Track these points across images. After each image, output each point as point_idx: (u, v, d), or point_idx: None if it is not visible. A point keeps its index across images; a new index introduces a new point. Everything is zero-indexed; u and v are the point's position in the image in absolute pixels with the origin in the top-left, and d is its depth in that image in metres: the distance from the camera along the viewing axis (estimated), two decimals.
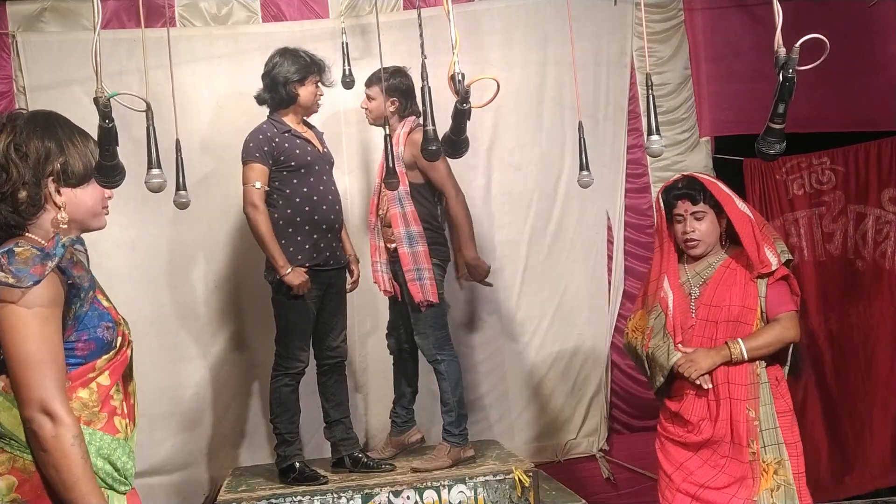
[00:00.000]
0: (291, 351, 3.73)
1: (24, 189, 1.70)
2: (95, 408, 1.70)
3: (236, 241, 4.49)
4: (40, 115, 1.79)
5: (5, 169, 1.69)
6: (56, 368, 1.60)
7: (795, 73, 1.60)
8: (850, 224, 4.86)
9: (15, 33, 4.36)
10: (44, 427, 1.57)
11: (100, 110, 1.63)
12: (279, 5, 4.59)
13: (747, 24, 4.66)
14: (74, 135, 1.80)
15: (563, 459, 4.63)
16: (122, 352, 1.78)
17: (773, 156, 1.66)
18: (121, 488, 1.73)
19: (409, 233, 3.72)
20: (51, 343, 1.60)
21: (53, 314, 1.62)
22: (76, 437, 1.59)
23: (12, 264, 1.59)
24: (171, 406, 4.41)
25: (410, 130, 3.78)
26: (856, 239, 4.86)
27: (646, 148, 2.57)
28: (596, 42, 4.63)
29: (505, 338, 4.67)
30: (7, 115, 1.79)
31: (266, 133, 3.70)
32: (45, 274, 1.60)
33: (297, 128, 3.77)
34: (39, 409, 1.57)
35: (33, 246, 1.64)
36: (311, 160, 3.74)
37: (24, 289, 1.57)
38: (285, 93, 3.72)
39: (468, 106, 1.81)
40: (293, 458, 3.73)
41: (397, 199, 3.73)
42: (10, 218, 1.70)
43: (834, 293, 4.85)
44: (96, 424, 1.70)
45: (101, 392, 1.71)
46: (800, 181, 4.90)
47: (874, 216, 4.83)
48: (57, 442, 1.57)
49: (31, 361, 1.58)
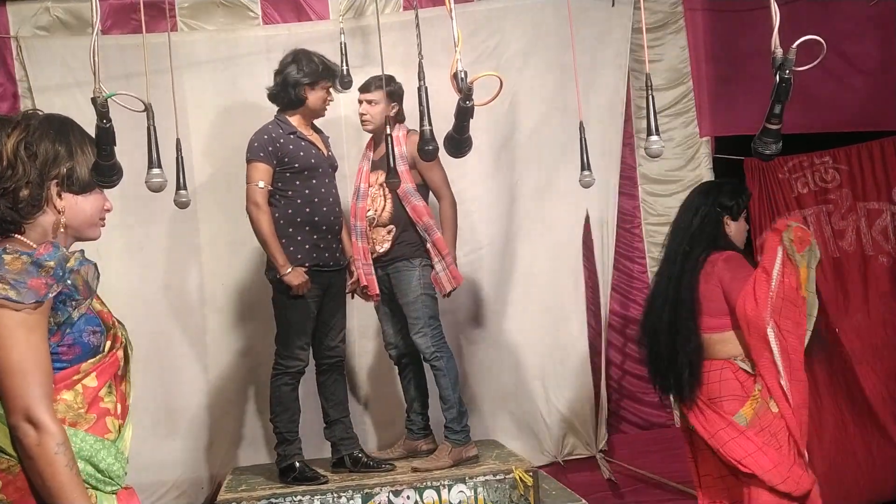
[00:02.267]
0: (291, 350, 3.73)
1: (26, 188, 1.71)
2: (81, 409, 1.70)
3: (239, 243, 4.49)
4: (56, 119, 1.80)
5: (12, 165, 1.70)
6: (41, 376, 1.60)
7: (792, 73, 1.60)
8: (861, 221, 4.84)
9: (17, 36, 4.37)
10: (28, 435, 1.58)
11: (97, 110, 1.64)
12: (279, 8, 4.60)
13: (747, 24, 4.65)
14: (86, 143, 1.81)
15: (562, 461, 4.63)
16: (112, 354, 1.77)
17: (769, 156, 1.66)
18: (106, 489, 1.72)
19: (429, 224, 3.81)
20: (36, 350, 1.61)
21: (39, 322, 1.62)
22: (60, 445, 1.59)
23: (7, 274, 1.58)
24: (171, 405, 4.42)
25: (407, 132, 3.84)
26: (872, 235, 4.84)
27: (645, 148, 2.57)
28: (592, 43, 4.63)
29: (498, 338, 4.68)
30: (23, 113, 1.80)
31: (271, 133, 3.71)
32: (48, 295, 1.60)
33: (302, 130, 3.79)
34: (24, 418, 1.57)
35: (23, 252, 1.64)
36: (314, 163, 3.76)
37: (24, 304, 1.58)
38: (294, 95, 3.74)
39: (471, 104, 1.81)
40: (293, 457, 3.74)
41: (412, 194, 3.81)
42: (8, 214, 1.70)
43: (854, 289, 4.81)
44: (82, 426, 1.70)
45: (88, 394, 1.71)
46: (804, 179, 4.89)
47: (891, 212, 4.83)
48: (41, 450, 1.58)
49: (16, 369, 1.58)
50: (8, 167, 1.70)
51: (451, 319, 4.45)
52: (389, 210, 3.85)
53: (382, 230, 3.84)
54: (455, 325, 4.54)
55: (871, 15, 4.74)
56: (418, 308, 3.82)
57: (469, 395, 4.44)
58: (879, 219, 4.83)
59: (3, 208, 1.69)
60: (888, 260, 4.83)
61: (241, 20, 4.59)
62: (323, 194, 3.77)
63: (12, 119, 1.75)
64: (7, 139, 1.70)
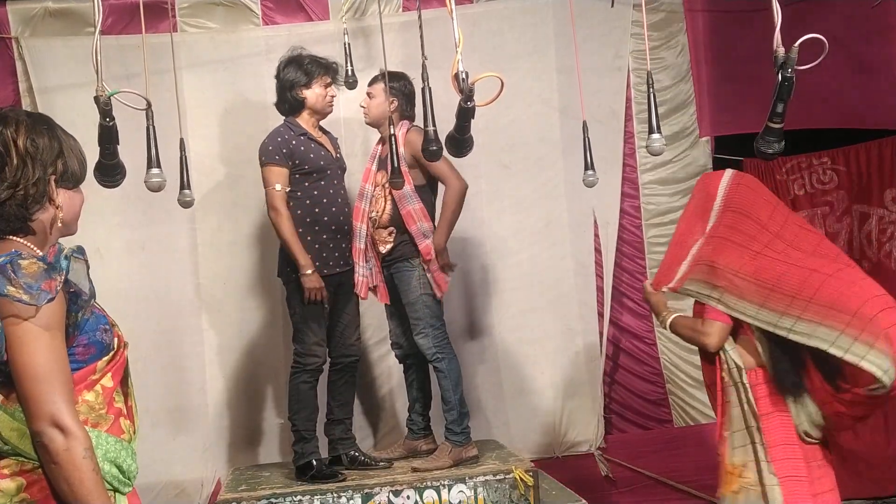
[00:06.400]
0: (308, 346, 3.76)
1: (34, 185, 1.71)
2: (102, 410, 1.70)
3: (239, 243, 4.51)
4: (41, 116, 1.80)
5: (24, 162, 1.70)
6: (65, 381, 1.60)
7: (794, 72, 1.61)
8: (854, 224, 4.85)
9: (18, 36, 4.37)
10: (55, 440, 1.56)
11: (100, 108, 1.64)
12: (280, 8, 4.60)
13: (747, 24, 4.66)
14: (70, 138, 1.81)
15: (560, 455, 4.64)
16: (121, 353, 1.78)
17: (771, 155, 1.67)
18: (124, 489, 1.73)
19: (423, 228, 3.79)
20: (59, 355, 1.60)
21: (60, 326, 1.62)
22: (87, 450, 1.58)
23: (21, 278, 1.58)
24: (171, 405, 4.42)
25: (407, 131, 3.82)
26: (860, 239, 4.86)
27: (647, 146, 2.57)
28: (591, 44, 4.63)
29: (498, 335, 4.69)
30: (12, 110, 1.79)
31: (284, 136, 3.74)
32: (57, 290, 1.60)
33: (312, 132, 3.81)
34: (50, 423, 1.56)
35: (36, 258, 1.64)
36: (324, 164, 3.78)
37: (39, 307, 1.57)
38: (292, 98, 3.77)
39: (472, 104, 1.82)
40: (310, 455, 3.74)
41: (408, 197, 3.79)
42: (18, 212, 1.70)
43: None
44: (102, 426, 1.70)
45: (106, 394, 1.72)
46: (800, 181, 4.90)
47: (877, 216, 4.83)
48: (69, 455, 1.56)
49: (41, 375, 1.57)
50: (20, 165, 1.69)
51: (451, 318, 4.45)
52: (389, 211, 3.85)
53: (384, 231, 3.84)
54: (455, 324, 4.53)
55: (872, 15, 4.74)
56: (419, 308, 3.82)
57: (469, 392, 4.44)
58: (867, 223, 4.85)
59: (13, 207, 1.69)
60: (868, 265, 4.82)
61: (242, 20, 4.60)
62: (331, 196, 3.79)
63: (9, 116, 1.74)
64: (16, 136, 1.70)
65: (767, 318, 2.62)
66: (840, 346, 2.49)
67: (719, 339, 2.74)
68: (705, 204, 2.84)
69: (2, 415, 1.63)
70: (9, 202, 1.68)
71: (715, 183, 2.83)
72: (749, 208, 2.76)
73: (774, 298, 2.60)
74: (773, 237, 2.71)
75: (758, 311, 2.63)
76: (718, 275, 2.69)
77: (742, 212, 2.76)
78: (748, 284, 2.64)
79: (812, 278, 2.58)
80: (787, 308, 2.58)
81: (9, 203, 1.68)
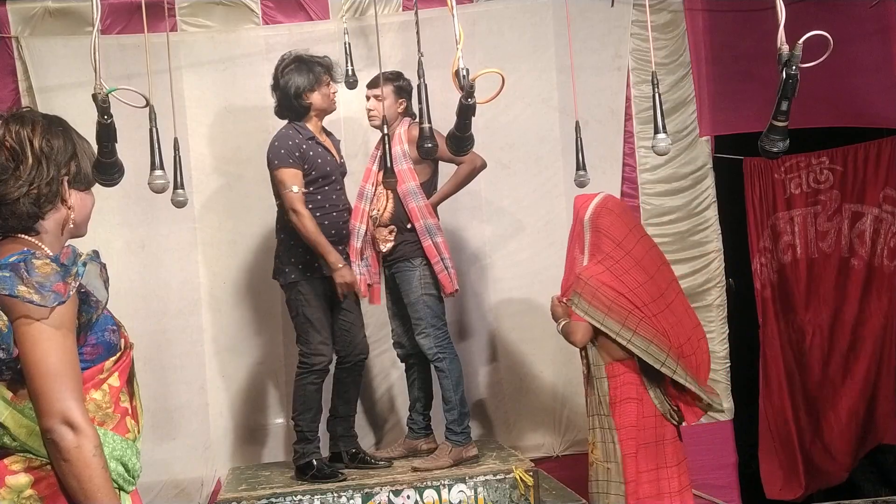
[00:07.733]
0: (313, 346, 3.75)
1: (47, 185, 1.71)
2: (109, 409, 1.72)
3: (239, 242, 4.50)
4: (56, 118, 1.81)
5: (39, 162, 1.70)
6: (75, 379, 1.61)
7: (798, 70, 1.60)
8: (844, 223, 4.87)
9: (18, 36, 4.36)
10: (65, 438, 1.57)
11: (98, 106, 1.64)
12: (280, 8, 4.60)
13: (747, 23, 4.66)
14: (83, 141, 1.83)
15: (560, 455, 4.63)
16: (127, 353, 1.80)
17: (776, 153, 1.66)
18: (128, 488, 1.75)
19: (428, 225, 3.78)
20: (70, 354, 1.61)
21: (71, 326, 1.63)
22: (97, 448, 1.60)
23: (34, 278, 1.58)
24: (171, 405, 4.42)
25: (409, 126, 3.83)
26: (851, 238, 4.87)
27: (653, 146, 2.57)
28: (592, 44, 4.63)
29: (498, 335, 4.69)
30: (29, 110, 1.80)
31: (294, 139, 3.73)
32: (69, 294, 1.61)
33: (318, 135, 3.81)
34: (61, 421, 1.57)
35: (49, 258, 1.64)
36: (329, 170, 3.79)
37: (50, 308, 1.57)
38: (299, 104, 3.75)
39: (473, 101, 1.81)
40: (311, 455, 3.74)
41: (413, 194, 3.78)
42: (30, 211, 1.70)
43: (825, 290, 4.88)
44: (109, 425, 1.71)
45: (113, 393, 1.73)
46: (798, 180, 4.91)
47: (872, 215, 4.83)
48: (79, 452, 1.57)
49: (52, 373, 1.58)
50: (35, 164, 1.70)
51: (451, 318, 4.44)
52: (390, 210, 3.85)
53: (384, 230, 3.84)
54: (454, 323, 4.53)
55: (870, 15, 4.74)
56: (420, 308, 3.82)
57: (469, 392, 4.44)
58: (860, 221, 4.85)
59: (26, 205, 1.70)
60: (860, 263, 4.84)
61: (242, 20, 4.58)
62: (333, 201, 3.80)
63: (25, 116, 1.75)
64: (32, 136, 1.71)
65: (611, 326, 3.21)
66: (668, 366, 3.20)
67: (582, 336, 3.31)
68: (577, 226, 3.42)
69: (11, 412, 1.64)
70: (22, 200, 1.69)
71: (585, 206, 3.37)
72: (608, 228, 3.30)
73: (616, 309, 3.20)
74: (625, 254, 3.27)
75: (604, 318, 3.22)
76: (580, 284, 3.28)
77: (602, 231, 3.30)
78: (599, 294, 3.22)
79: (657, 301, 3.26)
80: (625, 321, 3.19)
81: (22, 201, 1.69)
